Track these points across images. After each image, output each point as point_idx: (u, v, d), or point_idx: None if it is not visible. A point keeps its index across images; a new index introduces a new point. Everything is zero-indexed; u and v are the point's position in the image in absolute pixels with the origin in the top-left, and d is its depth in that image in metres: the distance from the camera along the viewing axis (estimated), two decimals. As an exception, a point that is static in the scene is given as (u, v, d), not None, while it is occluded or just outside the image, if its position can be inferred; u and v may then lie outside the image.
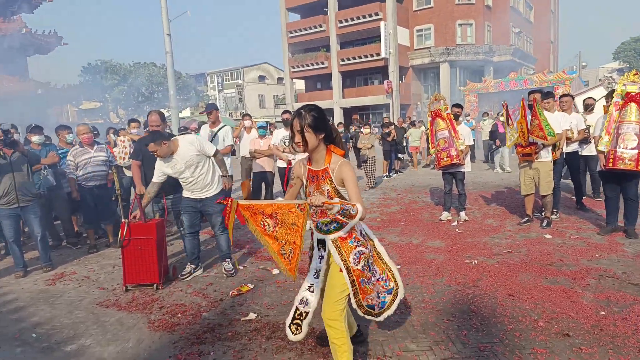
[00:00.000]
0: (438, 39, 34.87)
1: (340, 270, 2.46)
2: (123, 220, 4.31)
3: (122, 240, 4.22)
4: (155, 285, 4.29)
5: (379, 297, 2.57)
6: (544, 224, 5.84)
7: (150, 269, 4.27)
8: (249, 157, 7.50)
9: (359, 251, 2.48)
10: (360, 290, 2.48)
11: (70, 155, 5.67)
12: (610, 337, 2.94)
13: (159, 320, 3.56)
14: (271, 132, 8.04)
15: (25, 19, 18.51)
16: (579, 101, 9.58)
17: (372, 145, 10.20)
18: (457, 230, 5.98)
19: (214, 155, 4.48)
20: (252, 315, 3.56)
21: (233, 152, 8.19)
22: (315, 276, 2.65)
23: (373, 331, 3.19)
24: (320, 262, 2.61)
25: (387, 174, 12.14)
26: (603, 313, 3.29)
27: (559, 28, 50.44)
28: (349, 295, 2.49)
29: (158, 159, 4.33)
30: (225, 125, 6.64)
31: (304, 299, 2.69)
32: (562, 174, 7.18)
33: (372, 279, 2.55)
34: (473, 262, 4.59)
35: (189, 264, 4.68)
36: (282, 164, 7.15)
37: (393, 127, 12.41)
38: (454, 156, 6.12)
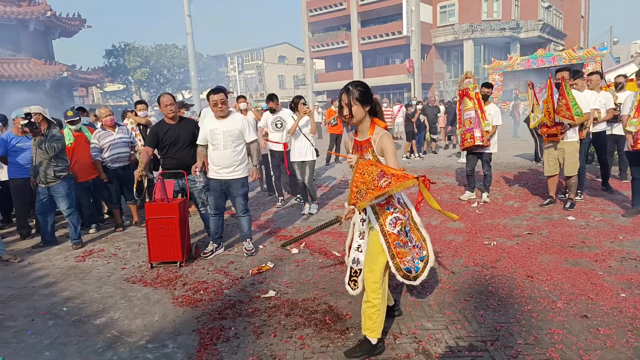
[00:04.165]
0: (462, 15, 33.86)
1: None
2: (147, 200, 4.46)
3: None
4: (178, 262, 4.43)
5: (413, 261, 2.71)
6: (567, 205, 5.73)
7: (173, 247, 4.41)
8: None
9: (395, 217, 2.64)
10: (397, 253, 2.63)
11: (94, 138, 5.82)
12: (630, 319, 2.92)
13: (183, 296, 3.70)
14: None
15: (49, 2, 18.77)
16: (610, 78, 9.22)
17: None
18: (477, 211, 5.94)
19: (250, 143, 4.62)
20: (271, 293, 3.65)
21: None
22: (360, 237, 2.82)
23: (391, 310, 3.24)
24: (363, 225, 2.79)
25: (408, 154, 11.98)
26: (623, 295, 3.26)
27: (590, 2, 48.17)
28: (387, 261, 2.64)
29: (205, 120, 4.64)
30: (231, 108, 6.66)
31: (356, 259, 2.88)
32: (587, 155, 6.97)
33: (409, 244, 2.71)
34: (492, 244, 4.57)
35: (211, 242, 4.81)
36: (277, 147, 6.88)
37: (419, 106, 12.19)
38: (478, 137, 6.02)
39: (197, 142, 4.68)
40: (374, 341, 2.66)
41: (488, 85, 6.57)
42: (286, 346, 2.84)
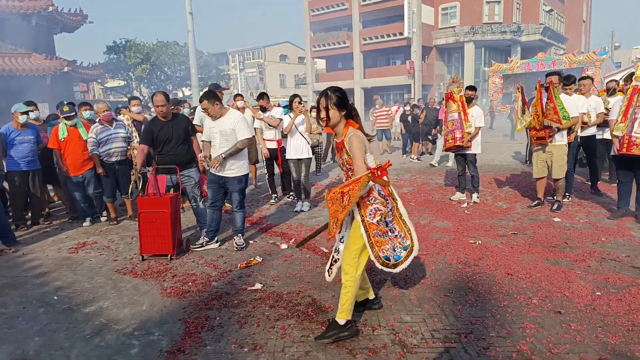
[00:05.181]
0: (464, 17, 33.93)
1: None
2: (140, 194, 4.56)
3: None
4: (169, 255, 4.53)
5: (394, 250, 2.84)
6: (555, 207, 5.83)
7: (164, 240, 4.51)
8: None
9: (375, 208, 2.79)
10: (375, 242, 2.78)
11: (92, 132, 5.91)
12: (602, 316, 3.01)
13: (171, 288, 3.79)
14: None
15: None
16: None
17: (321, 132, 9.62)
18: (465, 211, 6.03)
19: (240, 139, 4.61)
20: (258, 286, 3.75)
21: None
22: (344, 229, 2.95)
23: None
24: (347, 216, 2.88)
25: (418, 155, 12.00)
26: (599, 293, 3.35)
27: (592, 6, 48.24)
28: (364, 249, 2.80)
29: (207, 119, 4.78)
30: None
31: (337, 248, 3.03)
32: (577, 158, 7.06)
33: (389, 234, 2.84)
34: (477, 243, 4.66)
35: (203, 235, 4.91)
36: (270, 144, 6.99)
37: (406, 107, 12.28)
38: (458, 138, 6.16)
39: (202, 139, 4.83)
40: (341, 322, 2.81)
41: (472, 88, 6.66)
42: (268, 335, 2.93)
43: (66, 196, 6.54)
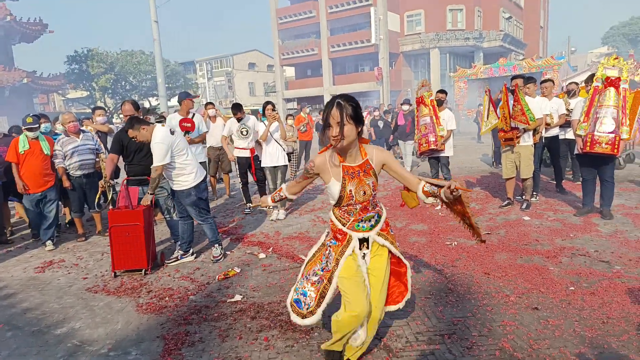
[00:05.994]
0: (428, 24, 34.78)
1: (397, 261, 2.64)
2: (110, 208, 4.40)
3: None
4: (143, 270, 4.38)
5: None
6: (524, 206, 6.00)
7: (138, 254, 4.36)
8: (217, 146, 7.61)
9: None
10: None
11: (57, 144, 5.68)
12: (577, 310, 3.10)
13: (147, 304, 3.66)
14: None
15: (9, 6, 18.18)
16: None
17: (296, 140, 9.57)
18: (440, 214, 6.13)
19: (152, 167, 4.30)
20: (237, 297, 3.67)
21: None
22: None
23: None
24: (363, 259, 2.46)
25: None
26: (572, 288, 3.46)
27: (549, 13, 50.42)
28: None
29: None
30: (195, 114, 6.56)
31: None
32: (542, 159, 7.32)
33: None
34: (453, 244, 4.74)
35: (177, 248, 4.78)
36: (243, 153, 6.77)
37: (375, 113, 12.44)
38: (432, 142, 6.28)
39: None
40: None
41: (442, 91, 6.85)
42: (251, 348, 2.87)
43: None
